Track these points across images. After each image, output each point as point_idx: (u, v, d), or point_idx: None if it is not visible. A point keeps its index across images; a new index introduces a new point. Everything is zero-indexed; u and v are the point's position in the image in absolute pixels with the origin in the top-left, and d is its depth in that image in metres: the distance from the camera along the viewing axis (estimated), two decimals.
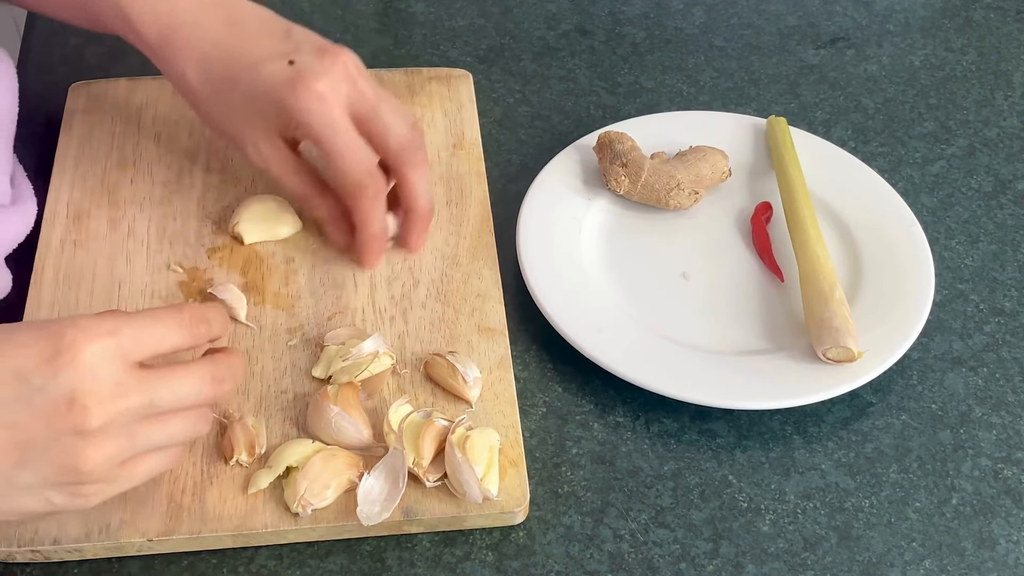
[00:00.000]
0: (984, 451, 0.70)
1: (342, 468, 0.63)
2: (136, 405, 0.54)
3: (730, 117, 0.86)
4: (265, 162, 0.71)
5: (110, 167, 0.80)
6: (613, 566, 0.64)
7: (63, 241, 0.75)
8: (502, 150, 0.85)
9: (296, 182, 0.72)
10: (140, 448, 0.56)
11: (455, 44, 0.94)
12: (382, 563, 0.63)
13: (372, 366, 0.67)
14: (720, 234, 0.80)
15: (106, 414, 0.53)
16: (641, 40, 0.95)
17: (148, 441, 0.56)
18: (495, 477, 0.64)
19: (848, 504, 0.67)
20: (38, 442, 0.53)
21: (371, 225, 0.71)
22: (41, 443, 0.53)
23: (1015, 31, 0.97)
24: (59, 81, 0.86)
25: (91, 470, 0.54)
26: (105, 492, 0.56)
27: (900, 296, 0.74)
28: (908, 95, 0.91)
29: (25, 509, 0.55)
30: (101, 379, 0.53)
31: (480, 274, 0.75)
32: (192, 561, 0.63)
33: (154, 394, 0.55)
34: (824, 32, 0.96)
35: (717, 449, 0.69)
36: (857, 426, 0.71)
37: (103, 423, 0.53)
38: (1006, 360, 0.74)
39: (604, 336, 0.71)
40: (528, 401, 0.71)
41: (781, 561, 0.64)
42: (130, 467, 0.56)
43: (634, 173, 0.78)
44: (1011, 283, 0.79)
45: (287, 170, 0.71)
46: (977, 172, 0.86)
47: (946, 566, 0.64)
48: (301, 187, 0.72)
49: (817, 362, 0.70)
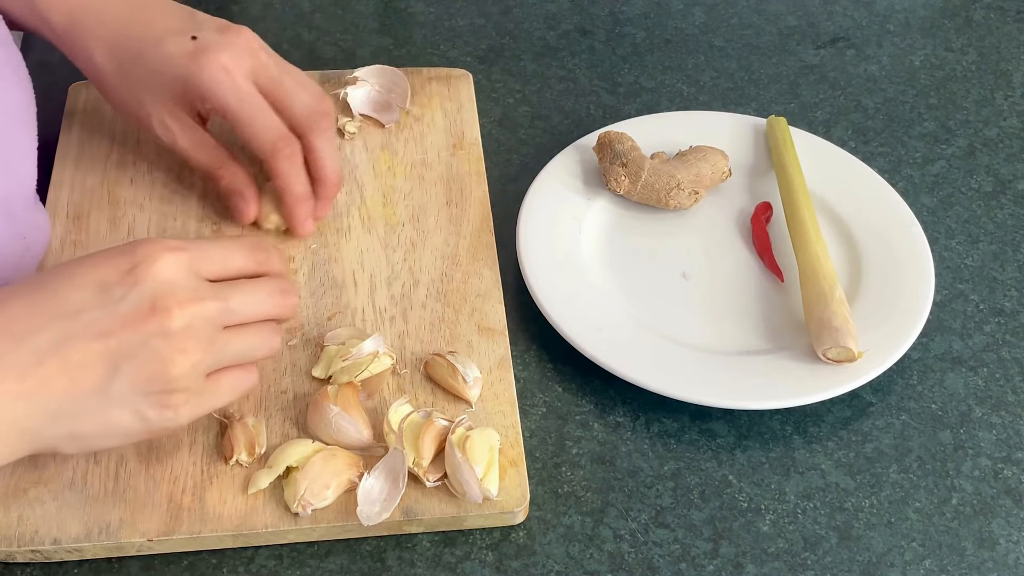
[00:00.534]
0: (984, 451, 0.70)
1: (342, 468, 0.63)
2: (213, 310, 0.58)
3: (730, 117, 0.86)
4: (171, 136, 0.73)
5: (110, 167, 0.80)
6: (613, 566, 0.64)
7: (63, 241, 0.75)
8: (502, 150, 0.85)
9: (202, 155, 0.74)
10: (221, 358, 0.59)
11: (455, 44, 0.94)
12: (382, 563, 0.63)
13: (372, 366, 0.67)
14: (720, 234, 0.80)
15: (187, 315, 0.56)
16: (641, 40, 0.95)
17: (227, 350, 0.59)
18: (495, 477, 0.64)
19: (848, 504, 0.67)
20: (127, 348, 0.56)
21: (293, 186, 0.73)
22: (130, 349, 0.56)
23: (1015, 31, 0.97)
24: (59, 81, 0.86)
25: (178, 375, 0.56)
26: (193, 405, 0.59)
27: (900, 296, 0.74)
28: (908, 95, 0.91)
29: (119, 424, 0.57)
30: (179, 284, 0.57)
31: (480, 274, 0.75)
32: (192, 561, 0.63)
33: (228, 300, 0.59)
34: (824, 32, 0.96)
35: (717, 449, 0.69)
36: (857, 426, 0.71)
37: (184, 324, 0.56)
38: (1006, 360, 0.74)
39: (604, 336, 0.71)
40: (528, 401, 0.71)
41: (781, 561, 0.64)
42: (214, 381, 0.59)
43: (634, 173, 0.78)
44: (1011, 283, 0.79)
45: (192, 143, 0.73)
46: (977, 172, 0.86)
47: (946, 566, 0.64)
48: (207, 159, 0.74)
49: (817, 362, 0.70)
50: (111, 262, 0.57)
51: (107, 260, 0.57)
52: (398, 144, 0.83)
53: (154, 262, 0.57)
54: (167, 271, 0.57)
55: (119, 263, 0.57)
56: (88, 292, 0.56)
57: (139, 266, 0.57)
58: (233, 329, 0.60)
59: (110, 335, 0.56)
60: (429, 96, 0.86)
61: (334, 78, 0.86)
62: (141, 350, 0.56)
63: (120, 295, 0.56)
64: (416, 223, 0.78)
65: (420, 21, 0.96)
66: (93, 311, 0.56)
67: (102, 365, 0.56)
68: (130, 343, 0.56)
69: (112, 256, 0.57)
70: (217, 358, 0.59)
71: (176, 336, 0.56)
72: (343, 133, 0.83)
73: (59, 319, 0.55)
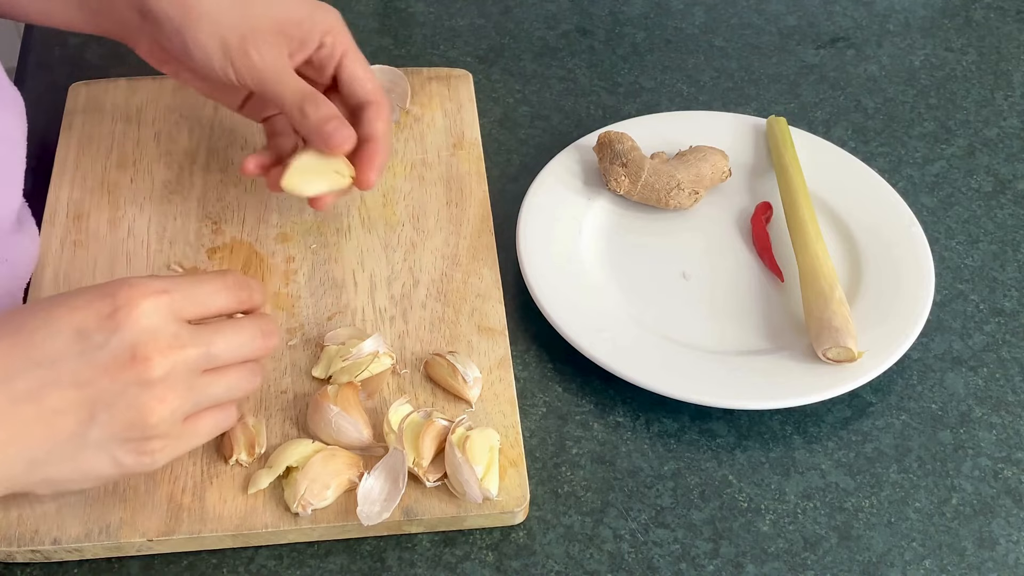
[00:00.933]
0: (984, 451, 0.70)
1: (342, 468, 0.63)
2: (194, 356, 0.57)
3: (730, 117, 0.86)
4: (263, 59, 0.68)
5: (110, 167, 0.80)
6: (613, 566, 0.64)
7: (63, 241, 0.75)
8: (502, 150, 0.85)
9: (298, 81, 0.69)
10: (201, 401, 0.58)
11: (455, 44, 0.94)
12: (382, 563, 0.63)
13: (372, 366, 0.67)
14: (720, 234, 0.80)
15: (167, 364, 0.55)
16: (641, 40, 0.95)
17: (208, 394, 0.58)
18: (495, 477, 0.64)
19: (848, 504, 0.67)
20: (105, 396, 0.55)
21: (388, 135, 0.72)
22: (108, 397, 0.55)
23: (1015, 31, 0.97)
24: (59, 81, 0.86)
25: (156, 422, 0.56)
26: (171, 449, 0.58)
27: (900, 296, 0.74)
28: (908, 95, 0.91)
29: (96, 470, 0.57)
30: (159, 331, 0.55)
31: (480, 274, 0.75)
32: (192, 561, 0.63)
33: (210, 345, 0.57)
34: (824, 32, 0.96)
35: (717, 449, 0.69)
36: (857, 426, 0.71)
37: (164, 373, 0.55)
38: (1006, 360, 0.74)
39: (604, 336, 0.71)
40: (528, 401, 0.71)
41: (781, 561, 0.64)
42: (193, 423, 0.59)
43: (634, 173, 0.78)
44: (1011, 283, 0.79)
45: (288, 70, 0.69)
46: (977, 172, 0.86)
47: (946, 566, 0.64)
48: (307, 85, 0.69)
49: (817, 362, 0.70)
50: (90, 306, 0.55)
51: (86, 304, 0.55)
52: (398, 144, 0.82)
53: (135, 307, 0.55)
54: (147, 318, 0.55)
55: (99, 307, 0.55)
56: (66, 338, 0.54)
57: (119, 311, 0.55)
58: (213, 371, 0.59)
59: (88, 384, 0.54)
60: (429, 96, 0.86)
61: None
62: (120, 399, 0.55)
63: (100, 342, 0.54)
64: (416, 223, 0.78)
65: (420, 21, 0.95)
66: (71, 359, 0.54)
67: (80, 413, 0.55)
68: (109, 392, 0.55)
69: (91, 299, 0.56)
70: (196, 402, 0.58)
71: (156, 385, 0.55)
72: None
73: (36, 367, 0.54)
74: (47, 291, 0.72)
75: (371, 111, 0.71)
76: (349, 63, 0.71)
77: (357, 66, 0.72)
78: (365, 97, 0.71)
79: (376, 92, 0.72)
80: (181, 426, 0.58)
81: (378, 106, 0.71)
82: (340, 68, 0.71)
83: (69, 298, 0.56)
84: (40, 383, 0.54)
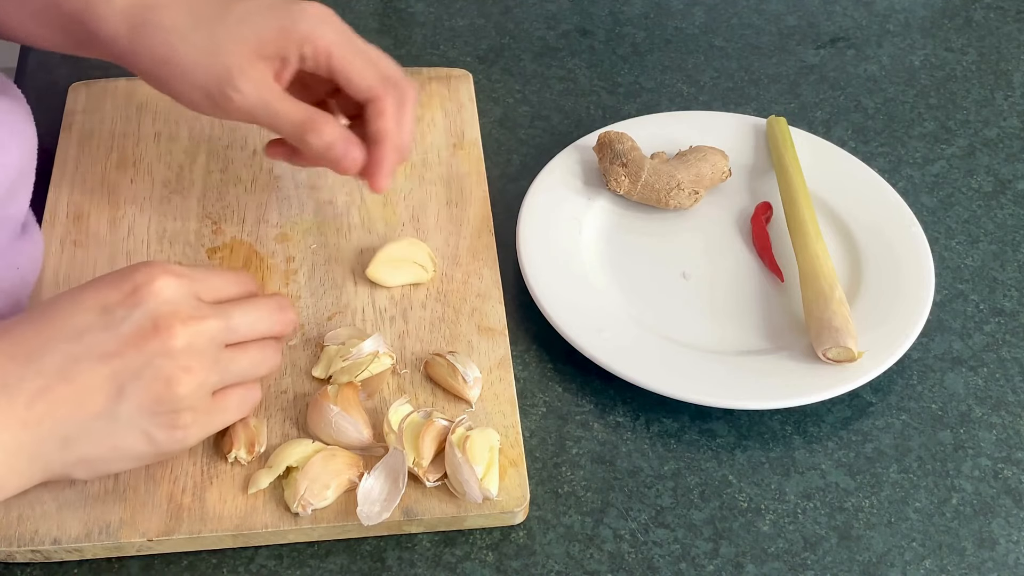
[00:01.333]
0: (984, 451, 0.70)
1: (342, 468, 0.63)
2: (215, 329, 0.58)
3: (730, 117, 0.86)
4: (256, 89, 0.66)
5: (110, 167, 0.80)
6: (613, 566, 0.64)
7: (63, 241, 0.75)
8: (502, 150, 0.85)
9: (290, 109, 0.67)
10: (226, 376, 0.60)
11: (455, 44, 0.94)
12: (382, 563, 0.63)
13: (372, 366, 0.67)
14: (720, 234, 0.80)
15: (189, 333, 0.57)
16: (641, 40, 0.95)
17: (232, 369, 0.60)
18: (495, 477, 0.64)
19: (848, 504, 0.67)
20: (131, 369, 0.56)
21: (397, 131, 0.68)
22: (134, 369, 0.56)
23: (1015, 31, 0.97)
24: (59, 81, 0.86)
25: (184, 394, 0.57)
26: (202, 424, 0.59)
27: (900, 296, 0.74)
28: (908, 95, 0.91)
29: (129, 447, 0.58)
30: (180, 304, 0.58)
31: (480, 274, 0.75)
32: (192, 561, 0.63)
33: (229, 319, 0.59)
34: (824, 32, 0.96)
35: (717, 449, 0.69)
36: (857, 426, 0.71)
37: (187, 343, 0.57)
38: (1006, 360, 0.74)
39: (604, 336, 0.71)
40: (528, 401, 0.71)
41: (781, 561, 0.64)
42: (221, 399, 0.60)
43: (634, 173, 0.78)
44: (1011, 283, 0.79)
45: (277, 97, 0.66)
46: (977, 172, 0.86)
47: (946, 566, 0.64)
48: (295, 113, 0.67)
49: (817, 362, 0.70)
50: (113, 285, 0.58)
51: (109, 283, 0.58)
52: None
53: (155, 283, 0.57)
54: (167, 291, 0.58)
55: (121, 285, 0.58)
56: (91, 315, 0.57)
57: (140, 288, 0.57)
58: (235, 347, 0.60)
59: (114, 356, 0.56)
60: (429, 96, 0.86)
61: None
62: (145, 370, 0.56)
63: (122, 315, 0.57)
64: (416, 223, 0.78)
65: (420, 21, 0.95)
66: (96, 332, 0.56)
67: (108, 387, 0.56)
68: (134, 363, 0.56)
69: (113, 279, 0.58)
70: (221, 376, 0.59)
71: (180, 355, 0.57)
72: None
73: (63, 342, 0.56)
74: (47, 291, 0.72)
75: (370, 110, 0.68)
76: (338, 65, 0.67)
77: (347, 65, 0.67)
78: (364, 95, 0.68)
79: (374, 87, 0.67)
80: (209, 401, 0.59)
81: (377, 103, 0.67)
82: (331, 72, 0.67)
83: (93, 282, 0.59)
84: (68, 359, 0.56)
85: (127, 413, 0.57)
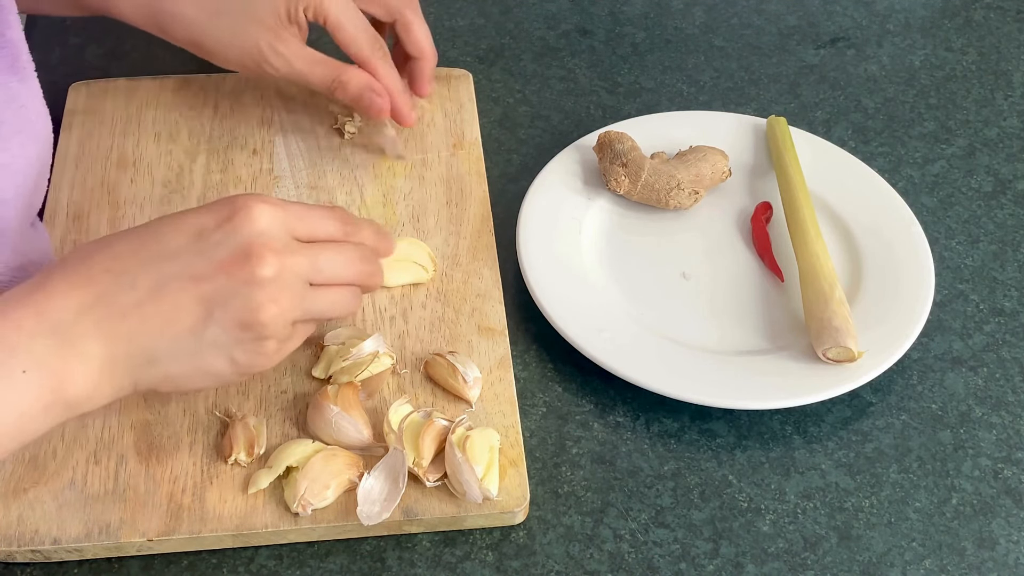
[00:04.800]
0: (984, 451, 0.70)
1: (342, 468, 0.63)
2: (303, 264, 0.60)
3: (730, 117, 0.86)
4: (286, 62, 0.75)
5: (110, 167, 0.80)
6: (613, 566, 0.64)
7: (63, 241, 0.75)
8: (502, 150, 0.85)
9: (319, 69, 0.76)
10: (307, 310, 0.61)
11: (455, 44, 0.94)
12: (382, 563, 0.63)
13: (372, 366, 0.67)
14: (720, 234, 0.80)
15: (279, 265, 0.58)
16: (641, 40, 0.95)
17: (313, 305, 0.61)
18: (495, 477, 0.64)
19: (848, 504, 0.67)
20: (221, 293, 0.57)
21: (395, 82, 0.78)
22: (224, 294, 0.57)
23: (1015, 31, 0.97)
24: (59, 81, 0.86)
25: (269, 320, 0.58)
26: (280, 351, 0.61)
27: (900, 296, 0.74)
28: (908, 95, 0.91)
29: (213, 368, 0.59)
30: (273, 235, 0.59)
31: (480, 274, 0.75)
32: (192, 561, 0.63)
33: (317, 259, 0.61)
34: (824, 32, 0.96)
35: (717, 449, 0.69)
36: (857, 426, 0.71)
37: (276, 273, 0.58)
38: (1006, 360, 0.74)
39: (604, 336, 0.71)
40: (528, 401, 0.71)
41: (781, 561, 0.64)
42: (294, 331, 0.61)
43: (634, 173, 0.78)
44: (1011, 283, 0.79)
45: (307, 61, 0.76)
46: (977, 172, 0.86)
47: (946, 566, 0.64)
48: (325, 72, 0.76)
49: (817, 362, 0.70)
50: (212, 211, 0.59)
51: (208, 210, 0.59)
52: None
53: (252, 211, 0.58)
54: (262, 221, 0.58)
55: (219, 211, 0.59)
56: (187, 237, 0.58)
57: (237, 214, 0.58)
58: (318, 287, 0.61)
59: (205, 279, 0.57)
60: (429, 96, 0.86)
61: None
62: (233, 298, 0.57)
63: (217, 240, 0.58)
64: (416, 223, 0.78)
65: None
66: (190, 255, 0.58)
67: (197, 309, 0.57)
68: (223, 289, 0.57)
69: (213, 206, 0.60)
70: (304, 309, 0.60)
71: (267, 285, 0.58)
72: (343, 133, 0.83)
73: (158, 260, 0.57)
74: None
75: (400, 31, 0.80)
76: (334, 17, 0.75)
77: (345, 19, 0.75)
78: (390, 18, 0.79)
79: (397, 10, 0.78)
80: (290, 329, 0.60)
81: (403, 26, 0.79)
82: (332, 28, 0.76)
83: (195, 208, 0.60)
84: (162, 277, 0.57)
85: (213, 335, 0.58)
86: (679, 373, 0.70)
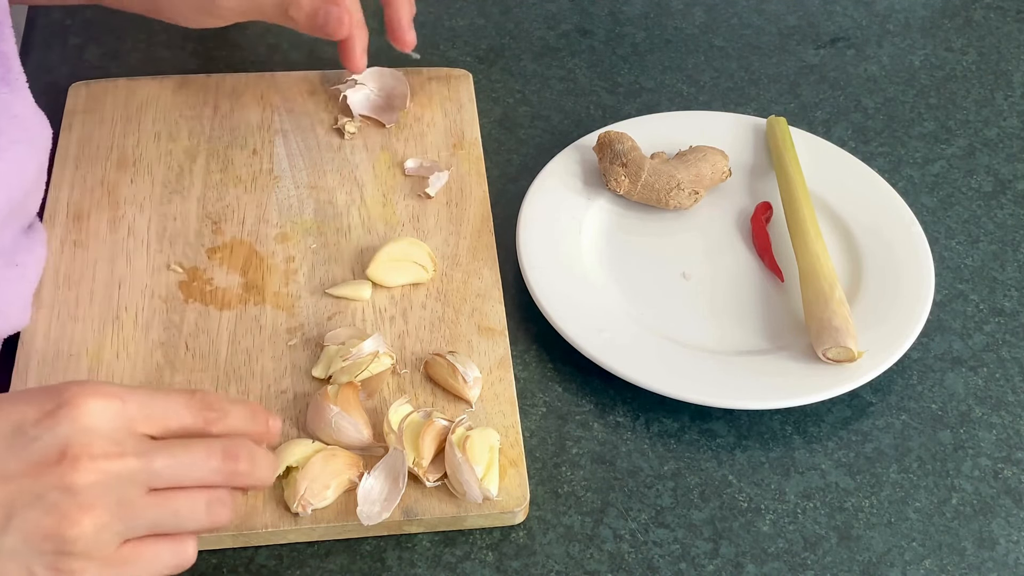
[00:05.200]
0: (984, 451, 0.70)
1: (342, 468, 0.63)
2: (132, 470, 0.51)
3: (730, 117, 0.86)
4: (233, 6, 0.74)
5: (110, 167, 0.80)
6: (613, 566, 0.64)
7: (63, 241, 0.75)
8: (502, 150, 0.85)
9: None
10: (139, 526, 0.52)
11: (455, 44, 0.94)
12: (382, 563, 0.63)
13: (372, 366, 0.67)
14: (720, 234, 0.80)
15: (97, 472, 0.50)
16: (641, 40, 0.95)
17: (148, 518, 0.52)
18: (495, 477, 0.64)
19: (848, 504, 0.67)
20: (24, 497, 0.50)
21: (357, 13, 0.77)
22: (27, 498, 0.50)
23: (1015, 31, 0.97)
24: (59, 81, 0.86)
25: (76, 537, 0.50)
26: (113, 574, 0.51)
27: (900, 296, 0.74)
28: (908, 95, 0.91)
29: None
30: (98, 434, 0.50)
31: (480, 274, 0.75)
32: None
33: (153, 460, 0.51)
34: (824, 32, 0.96)
35: (717, 449, 0.69)
36: (857, 426, 0.71)
37: (92, 482, 0.50)
38: (1006, 360, 0.74)
39: (604, 336, 0.71)
40: (528, 401, 0.71)
41: (781, 561, 0.64)
42: (130, 552, 0.52)
43: (634, 173, 0.78)
44: (1011, 283, 0.79)
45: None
46: (977, 172, 0.86)
47: (946, 566, 0.64)
48: None
49: (817, 362, 0.70)
50: (36, 400, 0.51)
51: (33, 397, 0.52)
52: (398, 144, 0.83)
53: (79, 406, 0.50)
54: (90, 418, 0.50)
55: (43, 402, 0.51)
56: (3, 430, 0.50)
57: (62, 408, 0.50)
58: (160, 493, 0.52)
59: (10, 480, 0.50)
60: (429, 96, 0.86)
61: (335, 78, 0.86)
62: (38, 502, 0.49)
63: (33, 436, 0.50)
64: (416, 223, 0.78)
65: (420, 21, 0.95)
66: (1, 450, 0.50)
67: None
68: (29, 492, 0.50)
69: (39, 395, 0.52)
70: (131, 524, 0.51)
71: (81, 492, 0.50)
72: (343, 133, 0.83)
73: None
74: (47, 291, 0.72)
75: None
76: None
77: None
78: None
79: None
80: (115, 551, 0.51)
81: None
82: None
83: (19, 393, 0.53)
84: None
85: (11, 544, 0.50)
86: (679, 373, 0.70)
